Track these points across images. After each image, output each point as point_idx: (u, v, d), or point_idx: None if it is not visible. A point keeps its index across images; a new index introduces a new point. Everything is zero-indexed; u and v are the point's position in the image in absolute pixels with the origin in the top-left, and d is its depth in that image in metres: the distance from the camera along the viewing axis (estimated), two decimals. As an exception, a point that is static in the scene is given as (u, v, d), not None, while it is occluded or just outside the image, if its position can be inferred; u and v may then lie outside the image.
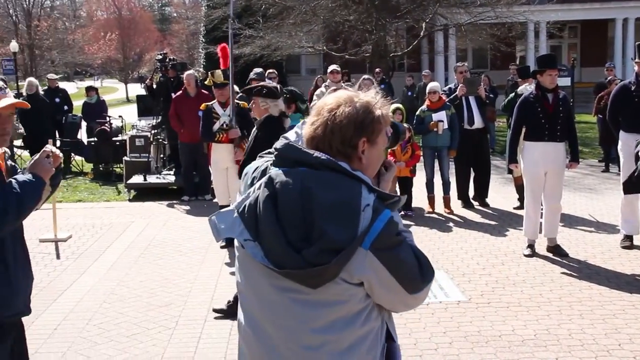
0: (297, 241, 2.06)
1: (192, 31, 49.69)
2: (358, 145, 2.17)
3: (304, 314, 2.15)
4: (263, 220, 2.10)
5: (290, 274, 2.08)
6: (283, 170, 2.14)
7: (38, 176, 3.21)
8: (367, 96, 2.22)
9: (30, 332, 5.78)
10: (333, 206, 2.05)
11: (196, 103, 10.44)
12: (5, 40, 43.11)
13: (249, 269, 2.24)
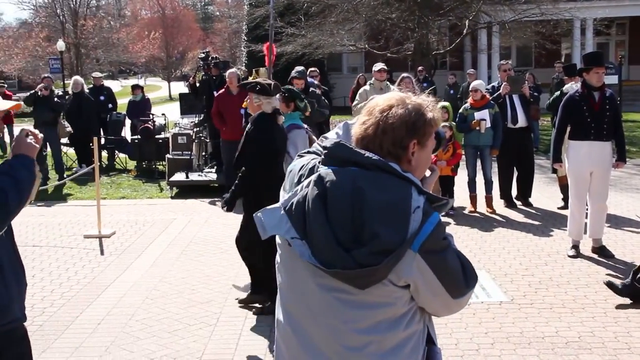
0: (346, 241, 2.05)
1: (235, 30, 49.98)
2: (409, 147, 2.17)
3: (349, 314, 2.14)
4: (312, 219, 2.09)
5: (339, 274, 2.06)
6: (333, 169, 2.13)
7: (24, 155, 3.17)
8: (419, 98, 2.23)
9: (74, 326, 5.90)
10: (384, 207, 2.04)
11: (238, 101, 10.49)
12: (53, 39, 43.91)
13: (294, 267, 2.23)
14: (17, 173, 3.06)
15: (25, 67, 45.74)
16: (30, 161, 3.16)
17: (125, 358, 5.23)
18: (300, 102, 6.71)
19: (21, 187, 3.04)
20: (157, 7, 61.63)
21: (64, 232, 9.39)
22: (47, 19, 49.56)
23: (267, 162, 6.07)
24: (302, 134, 6.52)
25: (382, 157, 2.13)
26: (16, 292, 3.25)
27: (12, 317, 3.22)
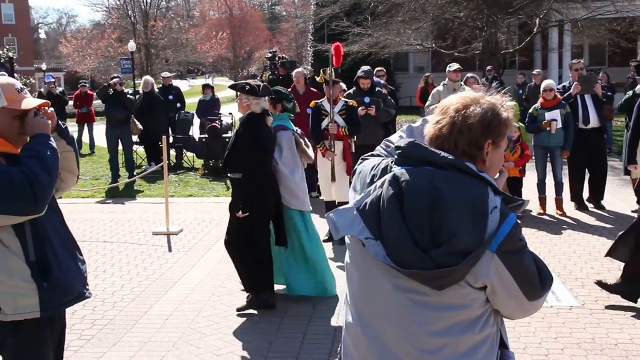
0: (424, 241, 2.03)
1: (301, 29, 50.23)
2: (484, 146, 2.16)
3: (424, 316, 2.12)
4: (388, 219, 2.07)
5: (416, 275, 2.05)
6: (407, 169, 2.12)
7: (39, 133, 3.28)
8: (493, 98, 2.21)
9: (143, 321, 6.00)
10: (462, 207, 2.03)
11: (305, 100, 10.53)
12: (124, 40, 44.98)
13: (367, 268, 2.21)
14: (39, 152, 3.20)
15: (98, 67, 47.03)
16: (47, 137, 3.29)
17: (192, 353, 5.29)
18: (287, 103, 6.73)
19: (47, 164, 3.18)
20: (225, 7, 62.53)
21: (134, 228, 9.59)
22: (119, 20, 50.78)
23: (255, 161, 6.10)
24: (287, 136, 6.52)
25: (457, 156, 2.12)
26: (75, 270, 3.42)
27: (76, 293, 3.44)
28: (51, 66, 60.29)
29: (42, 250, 3.28)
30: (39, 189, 3.11)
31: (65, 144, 3.48)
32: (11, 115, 3.28)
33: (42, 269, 3.26)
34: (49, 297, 3.27)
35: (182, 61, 51.94)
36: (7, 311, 3.23)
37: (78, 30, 67.82)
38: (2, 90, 3.27)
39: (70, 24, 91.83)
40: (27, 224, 3.23)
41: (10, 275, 3.21)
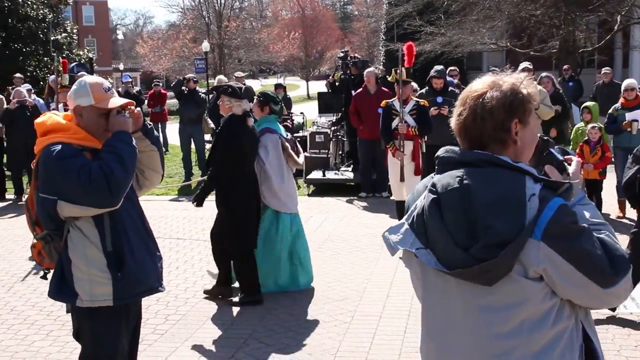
0: (463, 240, 2.03)
1: (373, 29, 50.08)
2: (511, 128, 2.12)
3: (488, 319, 2.08)
4: (430, 225, 2.09)
5: (461, 274, 2.04)
6: (443, 175, 2.14)
7: (120, 130, 3.42)
8: (511, 77, 2.18)
9: (215, 318, 6.07)
10: (495, 200, 2.01)
11: (376, 100, 10.50)
12: (198, 40, 45.79)
13: (425, 277, 2.22)
14: (117, 149, 3.35)
15: (173, 67, 48.02)
16: (126, 134, 3.44)
17: (262, 351, 5.33)
18: (275, 105, 6.81)
19: (124, 160, 3.33)
20: (297, 7, 62.87)
21: (206, 226, 9.70)
22: (193, 21, 51.73)
23: (235, 162, 6.24)
24: (274, 138, 6.63)
25: (486, 143, 2.12)
26: (149, 264, 3.56)
27: (149, 286, 3.59)
28: (128, 66, 61.86)
29: (118, 242, 3.43)
30: (114, 184, 3.26)
31: (150, 143, 3.64)
32: (98, 113, 3.45)
33: (118, 260, 3.42)
34: (122, 287, 3.43)
35: (254, 61, 52.53)
36: (83, 297, 3.42)
37: (154, 31, 69.43)
38: (90, 90, 3.45)
39: (146, 25, 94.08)
40: (106, 216, 3.39)
41: (87, 263, 3.39)
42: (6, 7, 24.86)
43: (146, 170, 3.70)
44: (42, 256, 3.58)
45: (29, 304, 6.58)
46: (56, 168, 3.29)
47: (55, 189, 3.32)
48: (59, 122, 3.48)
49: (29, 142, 12.28)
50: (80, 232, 3.40)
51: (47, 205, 3.37)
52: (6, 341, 5.60)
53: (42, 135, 3.48)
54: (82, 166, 3.25)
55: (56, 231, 3.47)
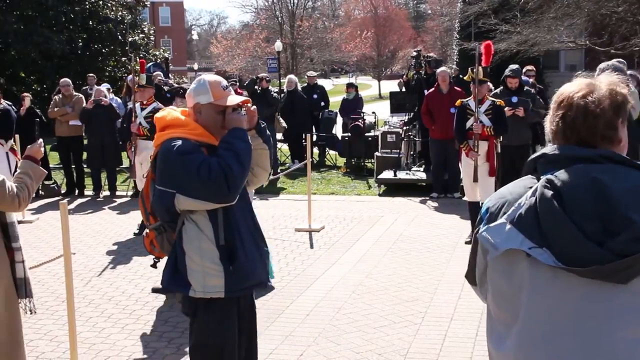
0: (596, 235, 1.92)
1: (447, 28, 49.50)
2: (618, 126, 2.13)
3: (615, 322, 1.95)
4: (551, 221, 1.97)
5: (598, 271, 1.91)
6: (558, 172, 2.04)
7: (235, 127, 3.52)
8: (606, 78, 2.17)
9: (285, 315, 6.11)
10: (632, 193, 1.94)
11: (448, 100, 10.39)
12: (271, 40, 46.24)
13: (535, 279, 2.05)
14: (233, 146, 3.44)
15: (246, 66, 48.66)
16: (242, 131, 3.54)
17: (332, 350, 5.33)
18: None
19: (240, 157, 3.43)
20: (370, 7, 62.74)
21: (277, 224, 9.80)
22: (267, 20, 52.29)
23: None
24: None
25: (596, 142, 2.09)
26: (258, 258, 3.68)
27: (258, 280, 3.71)
28: (202, 66, 63.01)
29: (230, 236, 3.55)
30: (231, 180, 3.38)
31: (262, 142, 3.75)
32: (216, 110, 3.58)
33: (229, 254, 3.54)
34: (233, 280, 3.55)
35: (326, 60, 52.78)
36: (196, 288, 3.55)
37: (228, 31, 70.39)
38: (209, 88, 3.59)
39: (221, 25, 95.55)
40: (220, 211, 3.52)
41: (201, 256, 3.52)
42: (87, 9, 25.66)
43: (255, 168, 3.79)
44: (154, 246, 3.72)
45: (106, 297, 6.77)
46: (177, 163, 3.41)
47: (175, 183, 3.44)
48: (178, 118, 3.61)
49: (106, 140, 12.67)
50: (195, 226, 3.53)
51: (165, 198, 3.49)
52: (84, 333, 5.77)
53: (161, 130, 3.61)
54: (201, 162, 3.37)
55: (170, 223, 3.60)
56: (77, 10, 25.25)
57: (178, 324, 5.95)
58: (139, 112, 9.39)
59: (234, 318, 3.69)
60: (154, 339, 5.65)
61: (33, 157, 4.11)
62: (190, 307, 3.69)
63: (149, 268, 7.66)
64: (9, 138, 10.12)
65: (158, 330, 5.85)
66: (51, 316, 6.23)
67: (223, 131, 3.56)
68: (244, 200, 3.70)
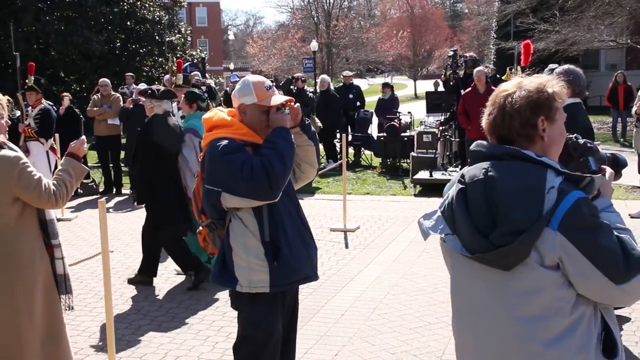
0: (484, 227, 2.18)
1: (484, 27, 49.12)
2: (537, 124, 2.25)
3: (509, 303, 2.22)
4: (456, 213, 2.26)
5: (480, 258, 2.20)
6: (472, 166, 2.30)
7: (279, 127, 3.62)
8: (539, 78, 2.32)
9: (320, 315, 6.11)
10: (514, 191, 2.15)
11: (485, 99, 10.21)
12: (307, 40, 46.30)
13: (453, 262, 2.40)
14: (276, 144, 3.55)
15: (281, 66, 48.77)
16: (285, 130, 3.64)
17: (367, 350, 5.31)
18: (202, 102, 7.45)
19: (283, 155, 3.53)
20: (406, 6, 62.47)
21: (312, 224, 9.72)
22: (302, 20, 52.35)
23: (155, 159, 6.79)
24: (195, 141, 7.07)
25: (513, 139, 2.26)
26: (304, 254, 3.76)
27: (303, 275, 3.80)
28: (238, 66, 63.30)
29: (275, 233, 3.64)
30: (273, 178, 3.47)
31: (307, 139, 3.84)
32: (260, 110, 3.68)
33: (274, 250, 3.63)
34: (278, 275, 3.64)
35: (362, 60, 52.64)
36: (242, 283, 3.66)
37: (264, 31, 70.65)
38: (253, 88, 3.69)
39: (257, 25, 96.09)
40: (265, 208, 3.62)
41: (246, 251, 3.62)
42: (125, 10, 25.96)
43: (302, 164, 3.90)
44: (207, 242, 3.83)
45: (142, 295, 6.84)
46: (221, 162, 3.54)
47: (220, 182, 3.56)
48: (224, 119, 3.72)
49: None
50: (241, 222, 3.64)
51: (212, 196, 3.62)
52: (121, 330, 5.83)
53: (208, 131, 3.74)
54: (245, 161, 3.49)
55: (219, 220, 3.72)
56: (116, 11, 25.56)
57: (213, 323, 5.98)
58: (176, 111, 9.47)
59: (278, 313, 3.77)
60: (190, 337, 5.69)
61: (75, 154, 4.16)
62: (237, 302, 3.79)
63: (185, 266, 7.72)
64: (49, 137, 10.29)
65: (194, 328, 5.89)
66: (89, 313, 6.31)
67: (267, 130, 3.65)
68: (289, 197, 3.77)
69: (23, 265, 3.90)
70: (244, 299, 3.72)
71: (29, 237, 3.95)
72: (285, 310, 3.89)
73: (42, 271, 3.99)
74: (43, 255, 4.00)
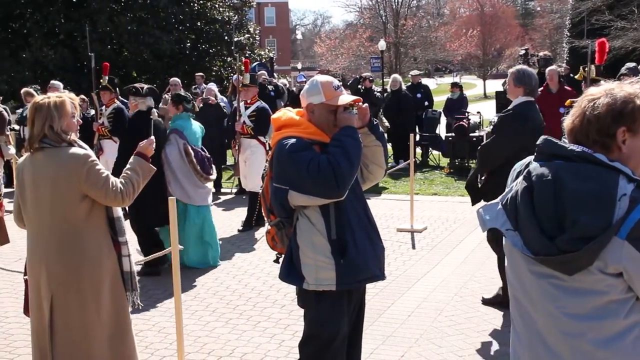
0: (550, 230, 2.14)
1: (557, 25, 48.07)
2: (617, 134, 2.18)
3: (563, 301, 2.20)
4: (521, 211, 2.22)
5: (544, 260, 2.17)
6: (540, 164, 2.25)
7: (347, 126, 3.64)
8: (632, 87, 2.23)
9: (386, 316, 6.07)
10: (585, 196, 2.09)
11: (558, 99, 10.05)
12: (375, 39, 46.21)
13: (512, 257, 2.36)
14: (343, 143, 3.56)
15: (349, 66, 48.81)
16: (352, 130, 3.65)
17: (434, 352, 5.26)
18: (187, 104, 7.72)
19: (349, 154, 3.53)
20: (476, 4, 61.60)
21: (378, 224, 9.59)
22: (370, 20, 52.25)
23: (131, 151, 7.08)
24: (180, 142, 7.41)
25: (589, 146, 2.19)
26: (371, 253, 3.77)
27: (370, 274, 3.80)
28: (306, 65, 63.67)
29: (342, 231, 3.66)
30: (340, 176, 3.48)
31: (374, 139, 3.85)
32: (328, 109, 3.71)
33: (341, 248, 3.65)
34: (344, 273, 3.65)
35: (430, 59, 52.21)
36: (309, 281, 3.69)
37: (332, 31, 70.80)
38: (321, 88, 3.72)
39: (324, 25, 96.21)
40: (332, 206, 3.64)
41: (313, 249, 3.65)
42: (195, 10, 26.41)
43: (370, 165, 3.90)
44: (275, 241, 3.89)
45: (211, 292, 6.94)
46: (288, 160, 3.58)
47: (287, 180, 3.61)
48: (293, 118, 3.77)
49: (213, 138, 12.97)
50: (308, 220, 3.67)
51: (279, 194, 3.67)
52: (190, 326, 5.92)
53: (277, 130, 3.79)
54: (311, 159, 3.52)
55: (287, 219, 3.76)
56: (187, 11, 26.01)
57: (280, 320, 6.02)
58: (243, 111, 9.57)
59: (344, 311, 3.77)
60: (257, 334, 5.74)
61: (143, 153, 4.25)
62: (303, 300, 3.82)
63: (252, 264, 7.81)
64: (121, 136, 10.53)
65: (261, 325, 5.94)
66: (159, 308, 6.43)
67: (335, 129, 3.66)
68: (357, 196, 3.78)
69: (91, 262, 3.99)
70: (311, 297, 3.74)
71: (98, 233, 4.05)
72: (352, 310, 3.89)
73: (109, 268, 4.08)
74: (110, 252, 4.09)
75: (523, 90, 5.78)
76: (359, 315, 4.02)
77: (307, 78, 24.38)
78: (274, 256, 4.11)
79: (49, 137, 3.96)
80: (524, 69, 5.95)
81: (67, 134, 4.02)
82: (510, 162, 3.91)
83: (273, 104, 14.00)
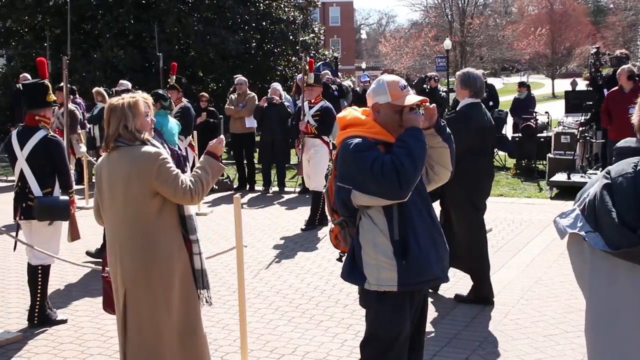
0: (632, 221, 2.12)
1: (631, 22, 46.75)
2: None
3: None
4: (600, 208, 2.20)
5: (627, 253, 2.13)
6: (619, 162, 2.26)
7: (412, 127, 3.60)
8: None
9: (449, 318, 6.01)
10: None
11: (631, 99, 9.71)
12: (440, 38, 45.81)
13: (593, 262, 2.30)
14: (408, 144, 3.53)
15: (414, 65, 48.53)
16: (417, 130, 3.62)
17: (497, 356, 5.17)
18: (164, 101, 8.09)
19: (414, 155, 3.50)
20: (545, 2, 60.40)
21: (443, 224, 9.65)
22: (436, 19, 51.82)
23: None
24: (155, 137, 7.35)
25: None
26: (434, 255, 3.72)
27: (433, 276, 3.76)
28: (370, 65, 63.64)
29: (404, 232, 3.63)
30: (403, 177, 3.46)
31: (441, 140, 3.81)
32: (394, 109, 3.69)
33: (403, 249, 3.62)
34: (406, 274, 3.62)
35: (496, 59, 51.52)
36: (370, 281, 3.67)
37: (396, 30, 70.58)
38: (387, 88, 3.70)
39: (389, 24, 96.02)
40: (395, 207, 3.61)
41: (375, 250, 3.63)
42: (261, 10, 26.63)
43: (436, 166, 3.87)
44: (339, 240, 3.90)
45: (274, 290, 6.97)
46: (352, 159, 3.58)
47: (350, 179, 3.61)
48: (358, 117, 3.76)
49: (277, 138, 13.08)
50: (371, 220, 3.65)
51: (342, 193, 3.67)
52: (253, 323, 5.97)
53: (342, 129, 3.79)
54: (375, 159, 3.50)
55: (350, 218, 3.76)
56: (252, 11, 26.23)
57: (342, 320, 6.01)
58: (307, 111, 9.60)
59: (407, 312, 3.74)
60: (320, 333, 5.74)
61: (213, 152, 4.30)
62: (365, 300, 3.80)
63: (315, 263, 7.83)
64: (188, 134, 10.70)
65: (323, 324, 5.94)
66: (223, 305, 6.50)
67: (400, 130, 3.63)
68: (421, 197, 3.74)
69: (161, 259, 4.05)
70: (372, 297, 3.72)
71: (169, 231, 4.11)
72: (414, 310, 3.86)
73: (180, 265, 4.13)
74: (182, 249, 4.14)
75: (469, 92, 6.10)
76: (422, 317, 3.98)
77: (371, 78, 24.35)
78: (337, 255, 4.10)
79: (123, 136, 4.06)
80: (469, 71, 6.19)
81: (141, 133, 4.11)
82: (456, 163, 3.91)
83: (336, 103, 14.00)
